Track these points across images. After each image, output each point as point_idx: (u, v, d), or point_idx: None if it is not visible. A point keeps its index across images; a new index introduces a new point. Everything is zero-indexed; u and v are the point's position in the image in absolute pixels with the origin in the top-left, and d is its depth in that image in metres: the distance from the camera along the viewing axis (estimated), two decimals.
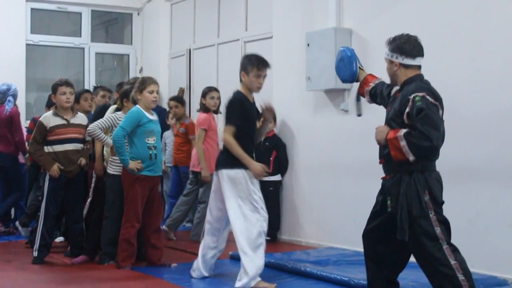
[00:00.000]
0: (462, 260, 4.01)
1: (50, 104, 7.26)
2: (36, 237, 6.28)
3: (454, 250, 4.02)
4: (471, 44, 5.74)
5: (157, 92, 6.00)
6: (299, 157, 7.62)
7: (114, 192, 6.13)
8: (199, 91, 9.42)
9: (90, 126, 6.18)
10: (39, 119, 6.42)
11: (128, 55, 11.19)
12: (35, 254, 6.26)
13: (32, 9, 10.25)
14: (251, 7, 8.69)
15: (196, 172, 7.52)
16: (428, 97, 4.03)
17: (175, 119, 8.44)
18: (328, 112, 7.22)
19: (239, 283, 5.15)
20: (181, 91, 9.90)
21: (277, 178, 7.69)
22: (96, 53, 10.90)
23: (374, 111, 5.17)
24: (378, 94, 4.59)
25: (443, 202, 4.11)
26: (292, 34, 7.68)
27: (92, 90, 8.40)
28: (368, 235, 4.41)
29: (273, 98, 7.86)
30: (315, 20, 7.34)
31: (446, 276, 3.96)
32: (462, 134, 5.53)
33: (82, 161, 6.33)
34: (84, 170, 6.50)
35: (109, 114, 6.38)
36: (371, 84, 4.66)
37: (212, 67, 9.23)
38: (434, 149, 4.04)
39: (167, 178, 8.96)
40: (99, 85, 8.79)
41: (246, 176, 5.22)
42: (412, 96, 4.04)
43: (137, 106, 5.97)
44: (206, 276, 5.57)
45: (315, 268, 5.67)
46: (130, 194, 5.92)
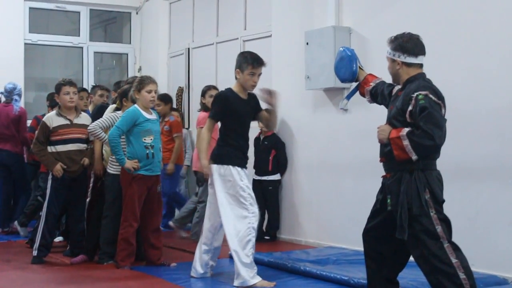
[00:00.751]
0: (464, 258, 4.00)
1: (54, 104, 7.27)
2: (37, 236, 6.27)
3: (455, 248, 4.01)
4: (470, 43, 5.73)
5: (155, 91, 5.99)
6: (298, 156, 7.62)
7: (113, 192, 6.12)
8: (198, 90, 9.42)
9: (90, 126, 6.18)
10: (43, 119, 6.41)
11: (127, 54, 11.19)
12: (35, 253, 6.25)
13: (30, 8, 10.25)
14: (250, 6, 8.68)
15: (196, 171, 7.52)
16: (431, 95, 4.02)
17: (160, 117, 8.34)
18: (327, 111, 7.21)
19: (236, 281, 5.19)
20: (180, 90, 9.90)
21: (276, 177, 7.68)
22: (95, 52, 10.90)
23: (373, 110, 5.16)
24: (379, 94, 4.58)
25: (444, 201, 4.10)
26: (291, 33, 7.67)
27: (90, 89, 8.39)
28: (368, 234, 4.40)
29: None
30: (314, 18, 7.34)
31: (446, 274, 3.95)
32: (461, 133, 5.52)
33: (86, 161, 6.32)
34: (87, 170, 6.48)
35: (108, 113, 6.37)
36: (372, 84, 4.65)
37: (211, 66, 9.22)
38: (437, 148, 4.03)
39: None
40: (97, 84, 8.78)
41: (235, 172, 5.24)
42: (415, 95, 4.03)
43: (134, 105, 5.97)
44: (203, 274, 5.55)
45: (315, 267, 5.67)
46: (127, 194, 5.91)
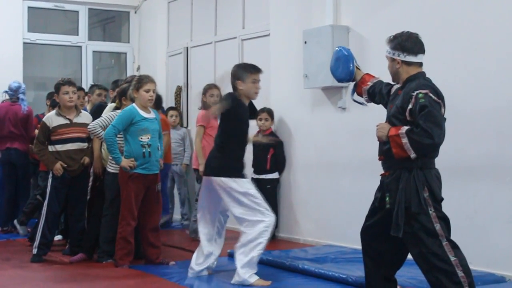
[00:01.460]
0: (462, 256, 4.01)
1: (55, 103, 7.32)
2: (37, 234, 6.29)
3: (454, 246, 4.02)
4: (468, 42, 5.74)
5: (153, 91, 6.00)
6: (296, 154, 7.62)
7: (113, 191, 6.13)
8: (196, 89, 9.44)
9: (90, 124, 6.19)
10: (43, 119, 6.43)
11: (126, 53, 11.19)
12: (35, 251, 6.26)
13: (29, 7, 10.25)
14: (248, 5, 8.69)
15: (195, 169, 7.58)
16: (431, 94, 4.02)
17: None
18: (325, 110, 7.22)
19: (234, 279, 5.24)
20: (178, 89, 9.91)
21: (274, 176, 7.69)
22: (94, 51, 10.90)
23: (371, 109, 5.17)
24: (376, 93, 4.58)
25: (442, 199, 4.11)
26: (289, 32, 7.68)
27: (88, 89, 8.40)
28: (366, 232, 4.40)
29: (270, 96, 7.88)
30: (312, 17, 7.34)
31: (445, 272, 3.96)
32: (460, 131, 5.53)
33: (86, 159, 6.33)
34: (87, 169, 6.49)
35: (108, 112, 6.38)
36: (369, 83, 4.65)
37: (210, 65, 9.23)
38: (436, 146, 4.04)
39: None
40: (95, 83, 8.78)
41: (242, 183, 5.32)
42: (415, 93, 4.04)
43: (132, 104, 5.98)
44: (199, 271, 5.54)
45: (313, 266, 5.68)
46: (124, 192, 5.93)
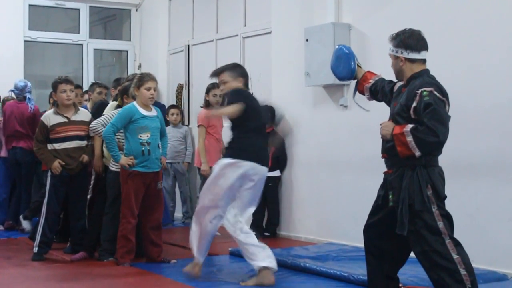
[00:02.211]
0: (465, 254, 4.00)
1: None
2: (37, 233, 6.28)
3: (457, 244, 4.01)
4: (470, 39, 5.73)
5: (154, 89, 5.99)
6: (298, 152, 7.61)
7: (115, 189, 6.12)
8: (198, 87, 9.45)
9: (92, 123, 6.18)
10: (41, 118, 6.42)
11: (127, 51, 11.18)
12: (35, 250, 6.25)
13: (30, 5, 10.24)
14: (249, 3, 8.67)
15: (198, 168, 7.66)
16: (435, 92, 4.01)
17: None
18: (327, 108, 7.21)
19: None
20: (179, 87, 9.90)
21: (276, 174, 7.68)
22: (95, 49, 10.89)
23: (373, 107, 5.15)
24: (379, 91, 4.57)
25: (446, 197, 4.10)
26: (290, 30, 7.67)
27: (88, 87, 8.39)
28: (369, 230, 4.39)
29: (272, 94, 7.87)
30: (314, 15, 7.33)
31: (447, 270, 3.95)
32: (461, 129, 5.52)
33: (84, 158, 6.31)
34: (87, 167, 6.47)
35: (110, 110, 6.36)
36: (371, 81, 4.63)
37: (211, 63, 9.20)
38: (440, 144, 4.02)
39: (167, 175, 8.96)
40: (96, 81, 8.78)
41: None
42: (419, 91, 4.02)
43: (132, 102, 5.97)
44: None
45: (315, 264, 5.67)
46: (124, 190, 5.93)
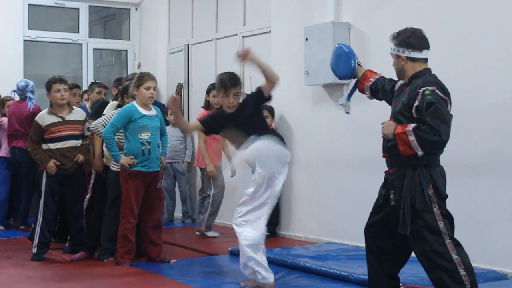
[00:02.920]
0: (464, 255, 3.99)
1: None
2: (35, 233, 6.27)
3: (456, 244, 4.00)
4: (470, 39, 5.72)
5: (154, 88, 5.98)
6: (297, 152, 7.60)
7: (115, 189, 6.11)
8: (197, 86, 9.45)
9: (92, 124, 6.17)
10: (35, 118, 6.38)
11: (126, 50, 11.17)
12: (34, 250, 6.25)
13: (29, 5, 10.23)
14: (249, 2, 8.67)
15: (203, 169, 7.67)
16: (438, 91, 4.00)
17: None
18: (326, 107, 7.20)
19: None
20: (179, 87, 9.89)
21: None
22: (94, 49, 10.89)
23: (372, 106, 5.16)
24: (379, 89, 4.56)
25: (447, 196, 4.09)
26: (290, 29, 7.66)
27: (88, 86, 8.39)
28: (370, 229, 4.38)
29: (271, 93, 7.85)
30: (313, 14, 7.32)
31: (447, 270, 3.94)
32: (461, 128, 5.51)
33: (80, 157, 6.30)
34: (83, 167, 6.46)
35: (110, 110, 6.35)
36: (371, 80, 4.62)
37: (211, 62, 9.21)
38: (443, 143, 4.01)
39: (167, 174, 8.97)
40: (96, 81, 8.78)
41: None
42: (421, 90, 4.01)
43: (132, 102, 5.96)
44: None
45: (315, 263, 5.66)
46: (124, 190, 5.92)
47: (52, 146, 6.22)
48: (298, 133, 7.62)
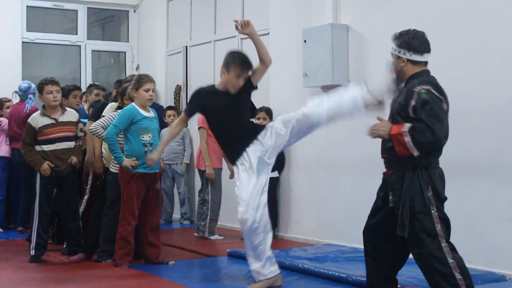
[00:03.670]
0: (460, 259, 3.99)
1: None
2: (32, 236, 6.26)
3: (452, 248, 4.00)
4: (469, 40, 5.73)
5: (153, 90, 5.99)
6: (296, 153, 7.61)
7: (115, 190, 6.11)
8: (196, 88, 9.42)
9: (92, 125, 6.15)
10: (28, 120, 6.33)
11: (125, 52, 11.18)
12: (32, 252, 6.24)
13: (28, 6, 10.23)
14: (247, 4, 8.68)
15: (202, 171, 7.65)
16: (433, 90, 4.02)
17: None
18: None
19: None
20: (177, 88, 9.90)
21: (274, 174, 7.64)
22: (93, 50, 10.89)
23: None
24: None
25: (446, 199, 4.10)
26: (288, 31, 7.67)
27: (86, 88, 8.38)
28: (369, 231, 4.38)
29: (270, 95, 7.87)
30: (311, 16, 7.33)
31: (442, 274, 3.95)
32: (460, 130, 5.51)
33: (73, 159, 6.28)
34: (76, 168, 6.45)
35: (109, 112, 6.34)
36: None
37: (209, 64, 9.21)
38: (438, 141, 4.00)
39: (165, 176, 8.98)
40: (93, 83, 8.78)
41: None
42: (417, 89, 4.02)
43: (132, 103, 5.96)
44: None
45: (313, 265, 5.66)
46: (125, 192, 5.90)
47: (46, 148, 6.19)
48: None
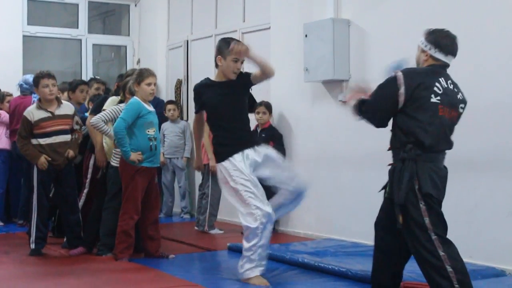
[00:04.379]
0: (452, 251, 4.01)
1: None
2: (31, 229, 6.25)
3: (444, 242, 4.02)
4: (469, 36, 5.70)
5: (154, 84, 5.99)
6: (296, 148, 7.61)
7: (116, 184, 6.11)
8: (196, 82, 9.41)
9: (93, 119, 6.13)
10: (24, 113, 6.31)
11: (126, 46, 11.16)
12: (32, 246, 6.24)
13: (29, 0, 10.21)
14: None
15: (204, 165, 7.64)
16: (396, 73, 4.14)
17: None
18: (326, 103, 7.20)
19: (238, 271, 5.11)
20: (178, 83, 9.90)
21: None
22: (94, 44, 10.87)
23: None
24: None
25: (430, 194, 4.05)
26: (290, 25, 7.66)
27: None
28: (378, 225, 4.40)
29: (270, 90, 7.86)
30: (313, 10, 7.32)
31: (434, 266, 3.99)
32: (460, 126, 5.49)
33: (70, 153, 6.27)
34: (75, 162, 6.45)
35: (110, 105, 6.33)
36: None
37: (210, 58, 9.05)
38: (366, 119, 4.32)
39: (166, 170, 8.98)
40: (94, 77, 8.78)
41: (230, 166, 5.07)
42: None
43: (135, 97, 5.95)
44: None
45: (313, 259, 5.67)
46: (130, 186, 5.89)
47: (42, 141, 6.18)
48: (297, 129, 7.62)
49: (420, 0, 6.19)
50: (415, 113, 4.10)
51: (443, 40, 4.23)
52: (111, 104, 6.36)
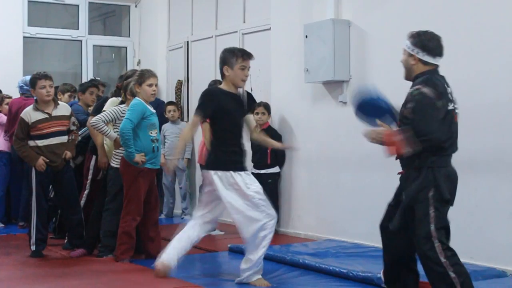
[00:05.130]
0: (452, 256, 4.01)
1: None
2: (31, 231, 6.25)
3: (446, 248, 4.02)
4: (469, 37, 5.72)
5: (156, 85, 5.99)
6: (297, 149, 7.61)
7: (117, 186, 6.11)
8: (197, 84, 9.44)
9: (93, 119, 6.13)
10: (20, 115, 6.29)
11: (126, 47, 11.16)
12: (33, 248, 6.24)
13: (29, 1, 10.20)
14: None
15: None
16: (424, 89, 4.02)
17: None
18: (326, 104, 7.20)
19: (240, 277, 5.11)
20: (179, 84, 9.90)
21: (275, 170, 7.67)
22: (94, 45, 10.87)
23: None
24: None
25: (449, 199, 4.08)
26: (290, 26, 7.66)
27: None
28: (382, 226, 4.39)
29: (271, 90, 7.87)
30: (313, 11, 7.32)
31: (438, 273, 4.00)
32: (461, 126, 5.49)
33: (67, 154, 6.26)
34: (75, 162, 6.45)
35: (110, 106, 6.33)
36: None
37: (210, 59, 9.20)
38: (433, 139, 3.99)
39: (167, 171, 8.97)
40: (94, 78, 8.77)
41: (239, 179, 5.05)
42: (411, 91, 4.09)
43: (137, 98, 5.94)
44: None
45: (314, 260, 5.67)
46: (132, 188, 5.89)
47: (40, 143, 6.16)
48: (297, 130, 7.62)
49: (420, 1, 6.19)
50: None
51: (429, 43, 4.19)
52: (111, 105, 6.36)
